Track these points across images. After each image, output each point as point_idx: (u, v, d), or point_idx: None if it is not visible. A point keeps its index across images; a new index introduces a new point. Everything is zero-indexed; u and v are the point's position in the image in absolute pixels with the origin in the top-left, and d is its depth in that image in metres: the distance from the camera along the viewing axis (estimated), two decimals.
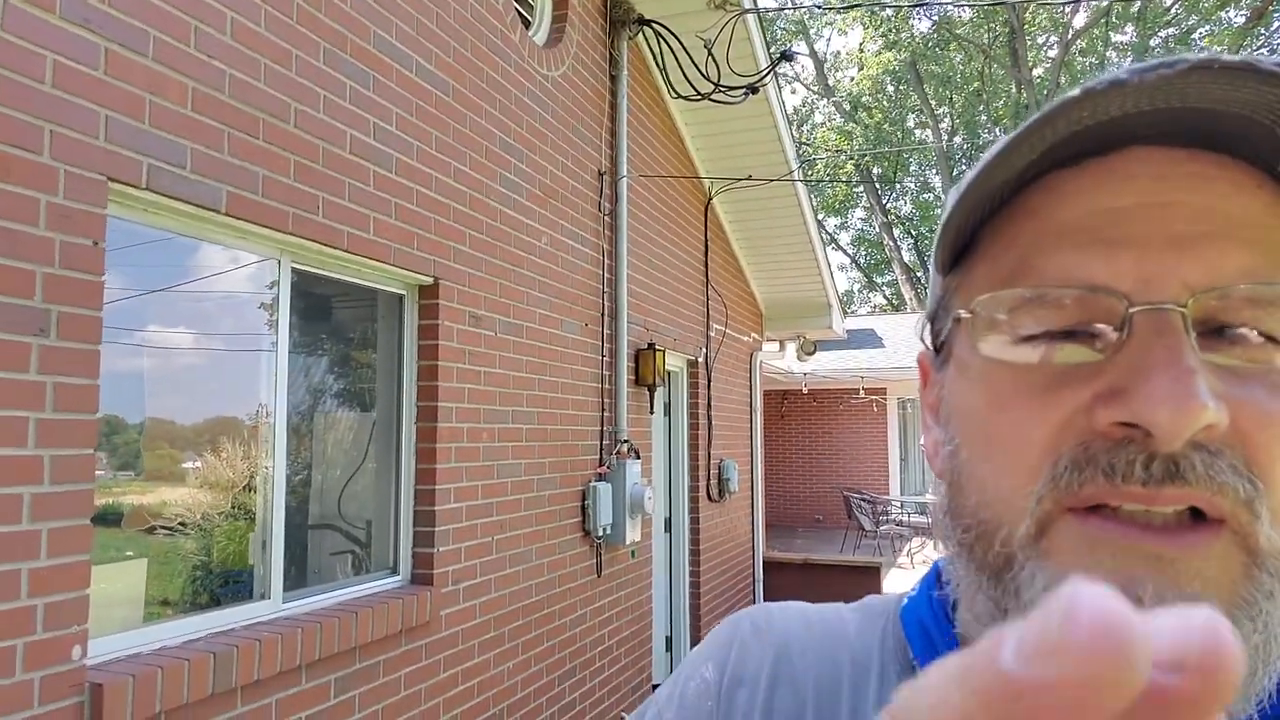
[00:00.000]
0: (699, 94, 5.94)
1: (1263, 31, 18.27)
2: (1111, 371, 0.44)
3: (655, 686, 6.33)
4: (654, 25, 5.78)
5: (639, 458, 5.52)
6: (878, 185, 26.91)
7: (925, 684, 0.22)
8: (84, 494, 2.30)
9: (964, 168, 24.83)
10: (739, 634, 0.69)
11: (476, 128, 4.09)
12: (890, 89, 26.12)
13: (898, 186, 28.20)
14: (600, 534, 5.05)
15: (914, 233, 27.68)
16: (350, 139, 3.26)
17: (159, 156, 2.53)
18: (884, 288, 30.56)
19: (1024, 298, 0.47)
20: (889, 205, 27.64)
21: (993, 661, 0.30)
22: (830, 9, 19.01)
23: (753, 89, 5.92)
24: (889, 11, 22.27)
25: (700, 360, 7.39)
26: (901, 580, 10.91)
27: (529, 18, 4.94)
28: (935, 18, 23.37)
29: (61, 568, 2.23)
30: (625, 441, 5.41)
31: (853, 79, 26.58)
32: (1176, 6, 20.32)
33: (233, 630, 2.82)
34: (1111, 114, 0.44)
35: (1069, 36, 22.21)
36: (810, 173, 24.80)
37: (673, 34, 5.81)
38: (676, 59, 5.91)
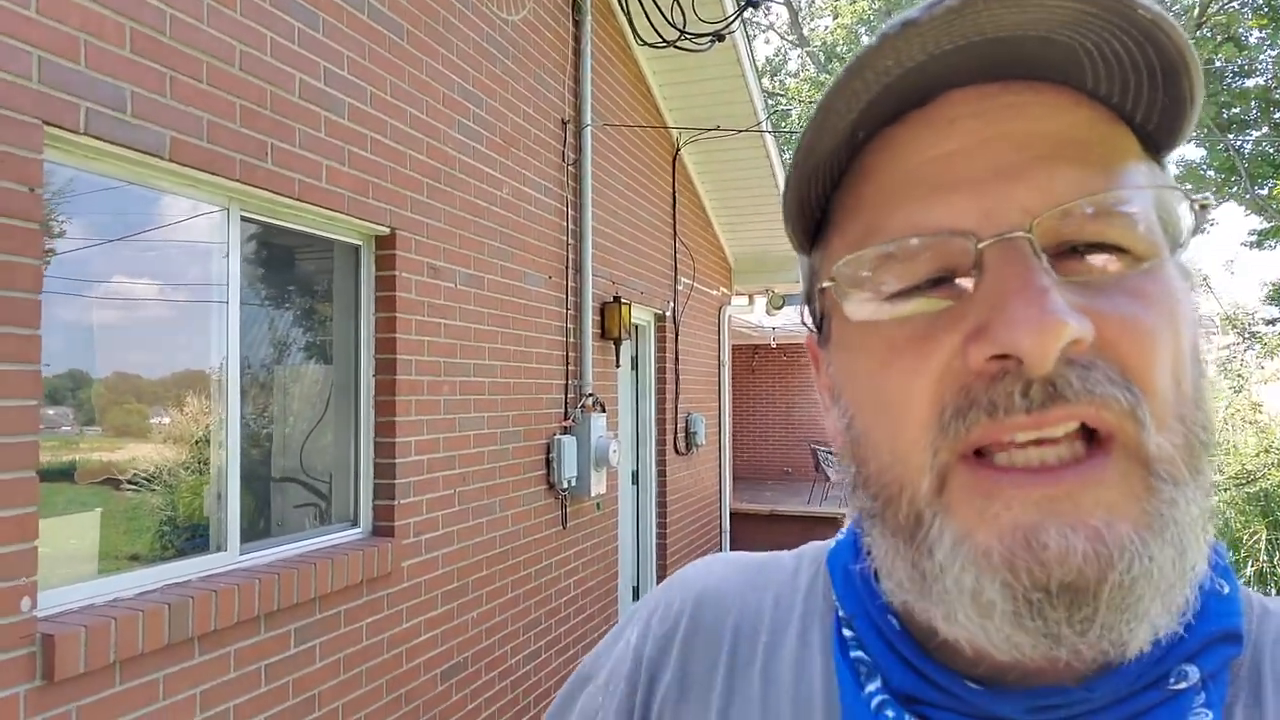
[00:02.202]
0: (665, 41, 5.83)
1: None
2: (974, 310, 0.44)
3: None
4: None
5: (604, 411, 5.52)
6: None
7: None
8: (29, 445, 2.26)
9: None
10: (667, 593, 0.70)
11: (433, 73, 4.00)
12: (865, 39, 25.89)
13: None
14: (565, 486, 5.06)
15: None
16: (299, 83, 3.17)
17: (97, 100, 2.45)
18: None
19: (879, 256, 0.48)
20: None
21: None
22: None
23: (719, 36, 5.82)
24: None
25: (667, 314, 7.36)
26: None
27: None
28: None
29: (8, 520, 2.19)
30: (590, 395, 5.40)
31: (827, 28, 26.32)
32: None
33: (189, 582, 2.81)
34: (916, 58, 0.45)
35: None
36: (784, 124, 24.67)
37: None
38: (642, 4, 5.80)
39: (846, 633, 0.57)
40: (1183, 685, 0.48)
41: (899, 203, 0.48)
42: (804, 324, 0.61)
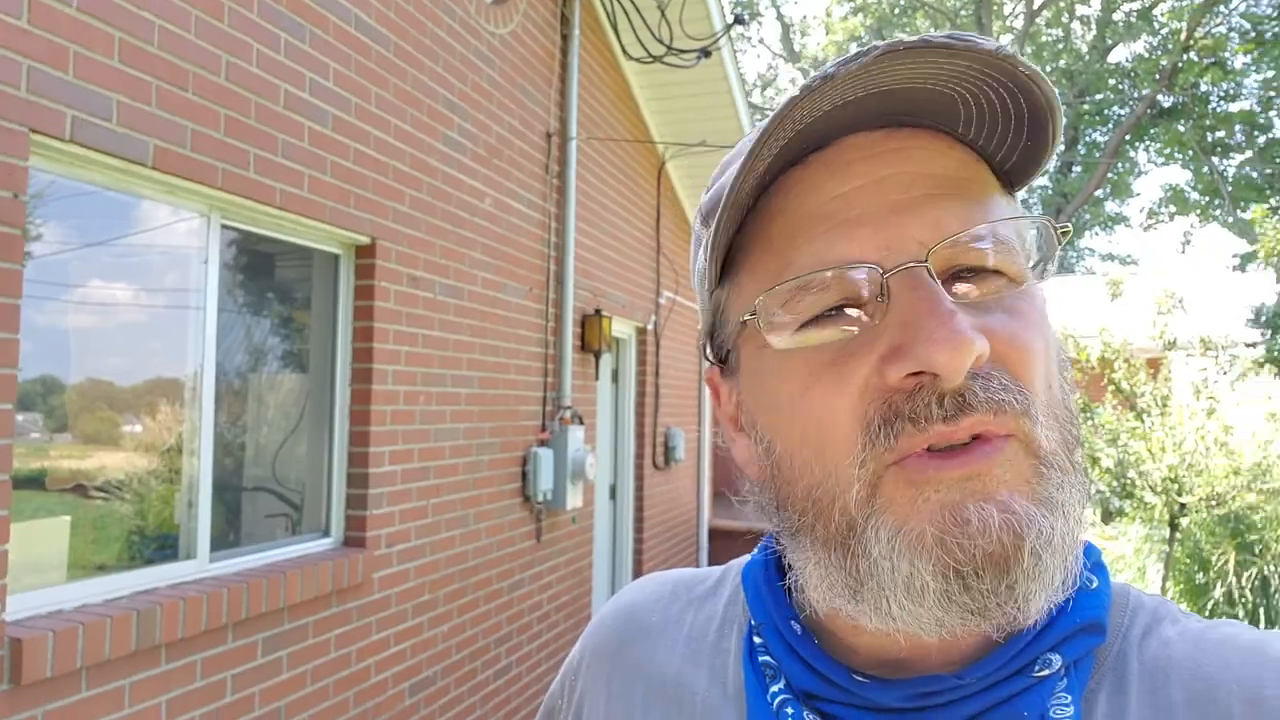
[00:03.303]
0: (651, 56, 5.88)
1: (1222, 9, 18.42)
2: (886, 332, 0.50)
3: None
4: None
5: (582, 424, 5.53)
6: None
7: None
8: (2, 449, 2.26)
9: None
10: (600, 617, 0.78)
11: (418, 85, 4.02)
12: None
13: None
14: (541, 500, 5.06)
15: None
16: (284, 94, 3.19)
17: (84, 108, 2.46)
18: None
19: (794, 288, 0.53)
20: None
21: None
22: None
23: (705, 52, 5.87)
24: None
25: (649, 327, 7.39)
26: None
27: None
28: None
29: None
30: (568, 408, 5.41)
31: (819, 44, 26.47)
32: None
33: (157, 589, 2.80)
34: (824, 108, 0.50)
35: (1034, 8, 22.28)
36: None
37: None
38: (629, 19, 5.83)
39: (756, 640, 0.63)
40: (1046, 672, 0.53)
41: (806, 239, 0.53)
42: (706, 358, 0.65)
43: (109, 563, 2.79)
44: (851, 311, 0.52)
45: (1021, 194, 0.60)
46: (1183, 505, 5.45)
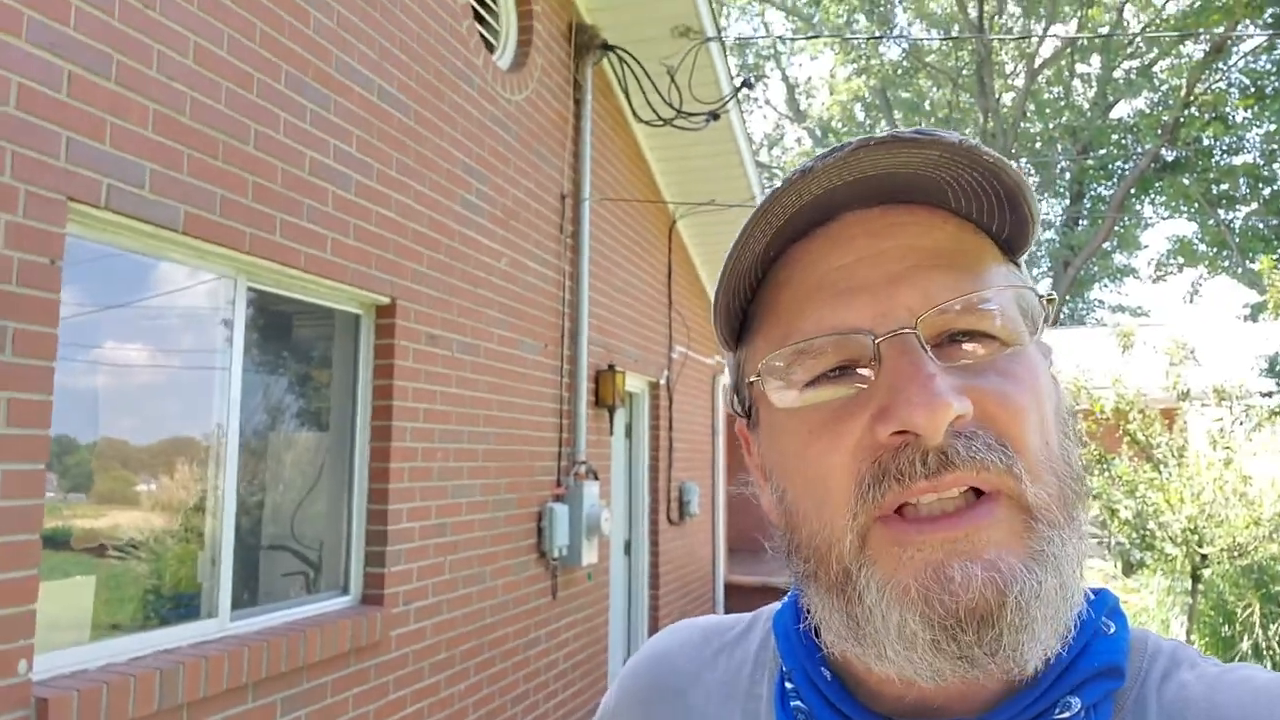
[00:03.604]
0: (661, 119, 6.02)
1: (1221, 66, 18.71)
2: (877, 394, 0.54)
3: None
4: (618, 51, 5.87)
5: (597, 479, 5.55)
6: None
7: None
8: (34, 509, 2.31)
9: None
10: (635, 660, 0.80)
11: (438, 150, 4.14)
12: (860, 115, 26.45)
13: None
14: (556, 555, 5.06)
15: None
16: (309, 160, 3.29)
17: (119, 177, 2.56)
18: None
19: (796, 352, 0.58)
20: None
21: None
22: (796, 37, 19.25)
23: (714, 115, 6.02)
24: (859, 40, 22.57)
25: (662, 382, 7.44)
26: None
27: (493, 42, 5.00)
28: (905, 46, 23.74)
29: (9, 582, 2.23)
30: (583, 463, 5.44)
31: (823, 104, 26.89)
32: (1139, 42, 20.76)
33: (179, 648, 2.82)
34: (815, 193, 0.56)
35: (1035, 66, 22.64)
36: None
37: (636, 60, 5.89)
38: (640, 84, 5.99)
39: (788, 685, 0.66)
40: (1066, 715, 0.55)
41: (810, 307, 0.58)
42: (734, 410, 0.70)
43: (132, 622, 2.81)
44: (852, 373, 0.56)
45: (1031, 247, 0.64)
46: (1204, 556, 5.39)
